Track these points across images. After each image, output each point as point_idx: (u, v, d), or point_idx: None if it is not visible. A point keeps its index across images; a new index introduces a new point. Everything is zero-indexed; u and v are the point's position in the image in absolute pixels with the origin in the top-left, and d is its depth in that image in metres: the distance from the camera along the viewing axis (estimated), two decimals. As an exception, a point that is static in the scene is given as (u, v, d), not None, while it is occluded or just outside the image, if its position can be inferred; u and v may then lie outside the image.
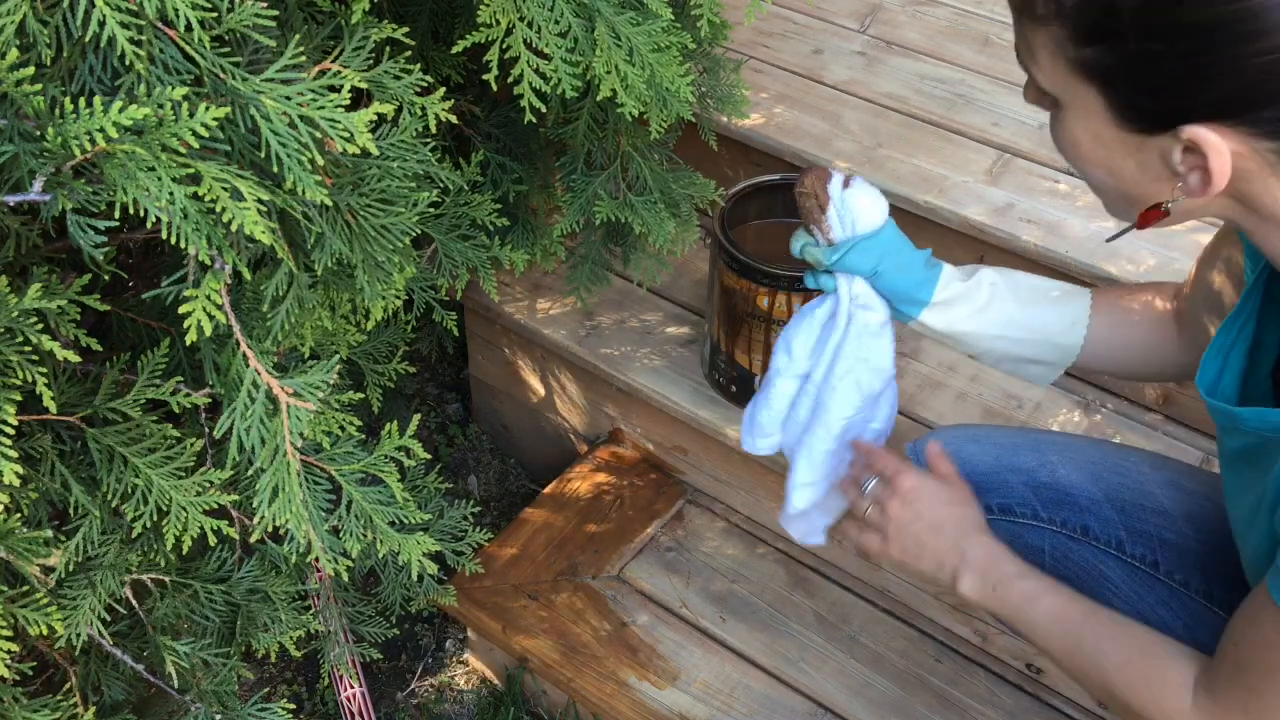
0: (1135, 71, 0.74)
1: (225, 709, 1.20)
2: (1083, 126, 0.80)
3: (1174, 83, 0.73)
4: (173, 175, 0.78)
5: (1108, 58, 0.74)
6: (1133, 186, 0.82)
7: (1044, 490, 1.21)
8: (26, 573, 1.00)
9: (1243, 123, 0.72)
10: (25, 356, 0.87)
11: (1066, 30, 0.75)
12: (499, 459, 2.04)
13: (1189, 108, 0.73)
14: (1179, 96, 0.73)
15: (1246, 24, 0.67)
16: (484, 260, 1.31)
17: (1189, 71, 0.71)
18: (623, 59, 1.09)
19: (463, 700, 1.71)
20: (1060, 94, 0.80)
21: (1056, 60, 0.78)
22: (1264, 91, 0.70)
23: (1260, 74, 0.69)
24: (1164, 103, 0.74)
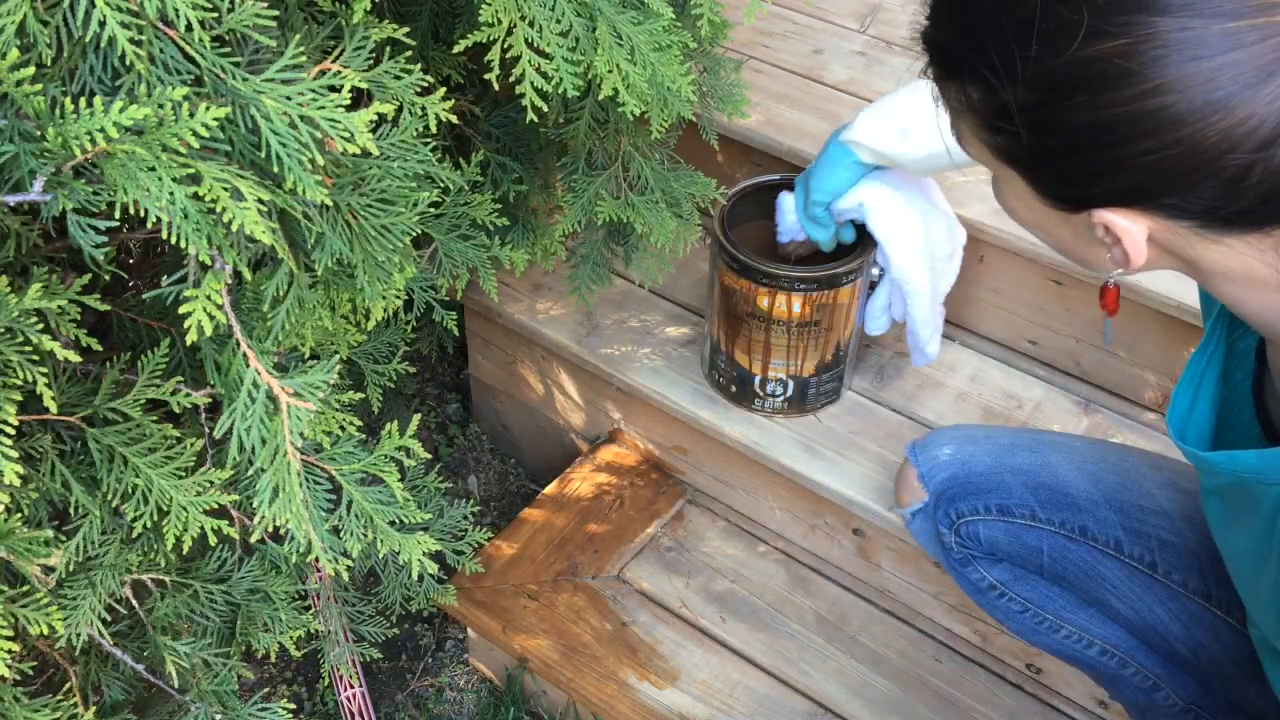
0: (1037, 162, 0.75)
1: (225, 709, 1.20)
2: (1014, 196, 0.82)
3: (1073, 175, 0.74)
4: (173, 175, 0.78)
5: (1013, 148, 0.75)
6: (1071, 250, 0.84)
7: (1042, 490, 1.21)
8: (27, 572, 1.00)
9: (1149, 208, 0.73)
10: (25, 356, 0.87)
11: (977, 119, 0.77)
12: (499, 459, 2.04)
13: (1094, 198, 0.74)
14: (1081, 188, 0.74)
15: (1125, 127, 0.68)
16: (484, 260, 1.31)
17: (1084, 167, 0.72)
18: (624, 58, 1.09)
19: (463, 700, 1.71)
20: (989, 168, 0.82)
21: (978, 143, 0.79)
22: (1158, 184, 0.70)
23: (1151, 169, 0.69)
24: (1069, 191, 0.75)
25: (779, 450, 1.58)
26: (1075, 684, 1.49)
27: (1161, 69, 0.65)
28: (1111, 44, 0.66)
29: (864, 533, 1.58)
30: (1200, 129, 0.66)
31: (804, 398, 1.60)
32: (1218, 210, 0.71)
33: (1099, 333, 1.61)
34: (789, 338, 1.51)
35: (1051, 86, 0.69)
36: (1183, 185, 0.70)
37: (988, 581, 1.28)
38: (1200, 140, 0.66)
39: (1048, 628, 1.27)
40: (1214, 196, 0.70)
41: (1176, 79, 0.65)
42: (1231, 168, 0.67)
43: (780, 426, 1.61)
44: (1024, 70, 0.70)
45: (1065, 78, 0.69)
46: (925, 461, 1.31)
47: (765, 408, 1.61)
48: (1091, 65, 0.67)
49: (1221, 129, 0.66)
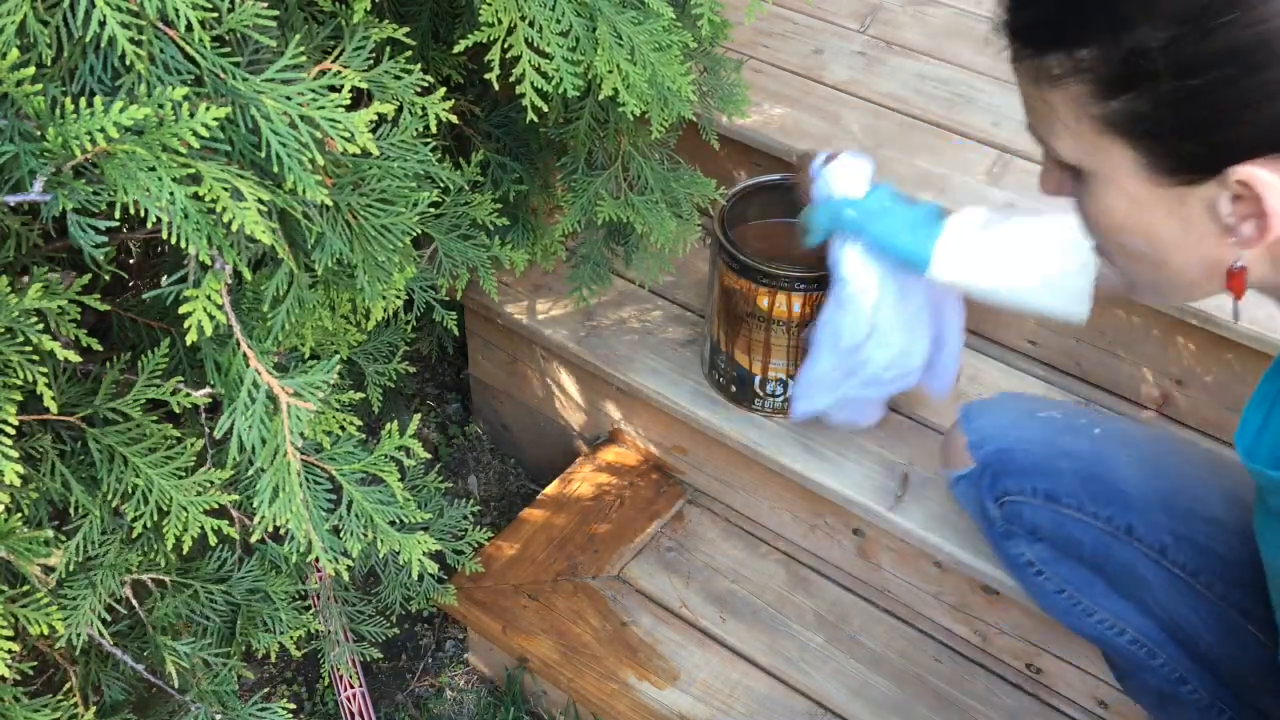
0: (1172, 114, 0.69)
1: (225, 709, 1.20)
2: (1116, 192, 0.75)
3: (1216, 118, 0.68)
4: (173, 175, 0.78)
5: (1140, 105, 0.69)
6: (1175, 252, 0.76)
7: (1094, 482, 1.17)
8: (27, 572, 1.00)
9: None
10: (26, 356, 0.87)
11: (1088, 85, 0.71)
12: (499, 459, 2.04)
13: (1234, 145, 0.68)
14: (1223, 133, 0.68)
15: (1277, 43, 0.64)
16: (484, 260, 1.31)
17: (1231, 102, 0.66)
18: (624, 58, 1.09)
19: (463, 700, 1.71)
20: (1086, 161, 0.76)
21: (1080, 122, 0.73)
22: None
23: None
24: (1207, 143, 0.69)
25: (779, 450, 1.58)
26: (1075, 684, 1.49)
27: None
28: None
29: (864, 533, 1.58)
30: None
31: (804, 398, 1.60)
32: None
33: (1099, 332, 1.61)
34: (789, 338, 1.51)
35: (1193, 13, 0.64)
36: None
37: (1026, 558, 1.26)
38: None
39: (1081, 611, 1.26)
40: None
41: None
42: None
43: (780, 426, 1.61)
44: (1159, 5, 0.65)
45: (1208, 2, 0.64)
46: (975, 430, 1.28)
47: (765, 408, 1.61)
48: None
49: None
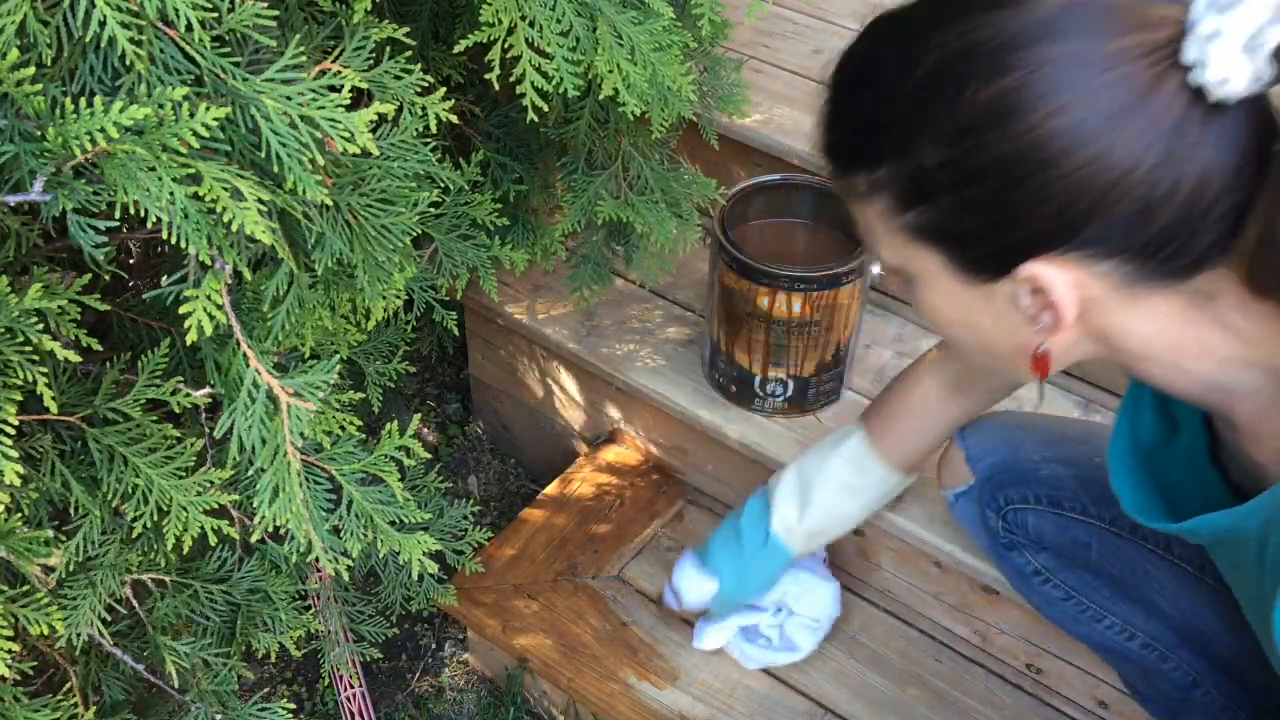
0: (958, 222, 0.75)
1: (225, 709, 1.20)
2: (934, 292, 0.81)
3: (996, 224, 0.74)
4: (173, 175, 0.78)
5: (932, 216, 0.76)
6: (994, 340, 0.83)
7: (1094, 486, 1.18)
8: (27, 572, 1.00)
9: (1071, 248, 0.73)
10: (26, 356, 0.87)
11: (889, 200, 0.77)
12: (499, 459, 2.04)
13: (1017, 245, 0.74)
14: (1005, 236, 0.74)
15: (1040, 151, 0.69)
16: (484, 260, 1.31)
17: (1005, 209, 0.72)
18: (624, 58, 1.09)
19: (463, 700, 1.71)
20: (906, 266, 0.82)
21: (892, 232, 0.79)
22: (1077, 211, 0.71)
23: (1068, 195, 0.70)
24: (993, 246, 0.75)
25: (779, 450, 1.58)
26: (1075, 684, 1.49)
27: (1055, 93, 0.68)
28: (1009, 78, 0.69)
29: (864, 533, 1.58)
30: (1101, 146, 0.68)
31: (804, 398, 1.60)
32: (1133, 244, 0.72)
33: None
34: (789, 338, 1.51)
35: (960, 134, 0.71)
36: (1097, 209, 0.70)
37: (1033, 567, 1.27)
38: (1102, 157, 0.68)
39: (1090, 616, 1.26)
40: (1129, 224, 0.70)
41: (1070, 100, 0.68)
42: (1137, 188, 0.69)
43: (780, 426, 1.61)
44: (931, 128, 0.72)
45: (972, 122, 0.70)
46: (974, 445, 1.29)
47: (765, 408, 1.61)
48: (995, 103, 0.69)
49: (1118, 144, 0.68)
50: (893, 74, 0.74)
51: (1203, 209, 0.70)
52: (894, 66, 0.74)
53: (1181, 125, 0.68)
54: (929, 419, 1.28)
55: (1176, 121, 0.68)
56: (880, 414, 1.30)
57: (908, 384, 1.28)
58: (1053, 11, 0.69)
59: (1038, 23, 0.69)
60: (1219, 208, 0.70)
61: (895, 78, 0.74)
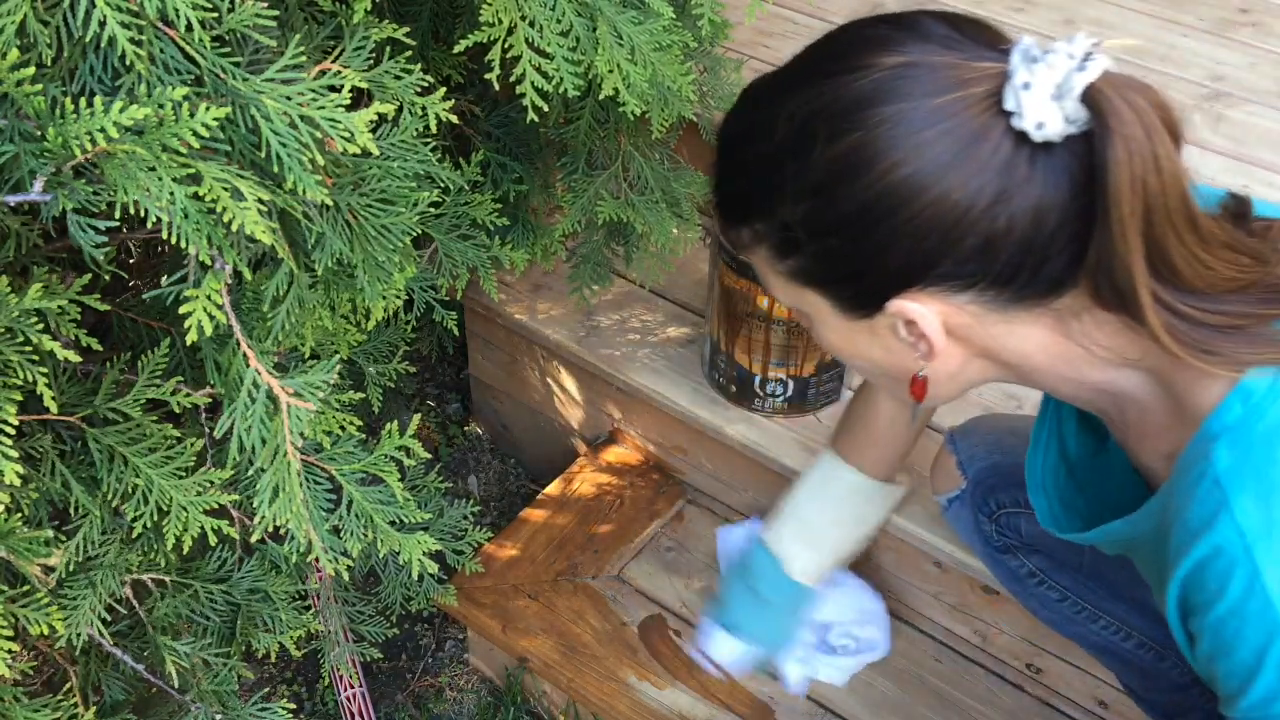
0: (827, 268, 0.83)
1: (225, 709, 1.20)
2: (827, 329, 0.89)
3: (859, 267, 0.81)
4: (173, 175, 0.78)
5: (804, 262, 0.83)
6: (888, 368, 0.89)
7: None
8: (27, 572, 1.00)
9: (929, 282, 0.79)
10: (26, 356, 0.87)
11: (768, 250, 0.85)
12: (499, 459, 2.04)
13: (882, 284, 0.81)
14: (868, 278, 0.81)
15: (886, 200, 0.76)
16: (484, 260, 1.31)
17: (864, 253, 0.80)
18: (625, 58, 1.09)
19: (463, 700, 1.71)
20: (798, 305, 0.88)
21: (777, 276, 0.87)
22: (927, 250, 0.77)
23: (917, 236, 0.77)
24: (861, 286, 0.82)
25: (779, 450, 1.58)
26: (1075, 684, 1.49)
27: (893, 147, 0.75)
28: (851, 138, 0.77)
29: (864, 533, 1.58)
30: (940, 190, 0.75)
31: (804, 398, 1.60)
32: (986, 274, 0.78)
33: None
34: (789, 338, 1.51)
35: (815, 190, 0.79)
36: (946, 246, 0.77)
37: (1027, 569, 1.28)
38: (943, 199, 0.75)
39: (1086, 617, 1.26)
40: (977, 256, 0.77)
41: (907, 152, 0.75)
42: (978, 224, 0.76)
43: (780, 426, 1.61)
44: (790, 185, 0.80)
45: (823, 179, 0.78)
46: (965, 449, 1.31)
47: (765, 408, 1.61)
48: (841, 160, 0.77)
49: (955, 187, 0.75)
50: (755, 138, 0.82)
51: (1044, 238, 0.76)
52: (756, 132, 0.83)
53: (1010, 166, 0.75)
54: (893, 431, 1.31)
55: (1005, 163, 0.75)
56: (850, 434, 1.34)
57: (865, 403, 1.31)
58: (885, 75, 0.77)
59: (872, 87, 0.77)
60: (1061, 236, 0.76)
61: (758, 142, 0.82)
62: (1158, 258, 0.76)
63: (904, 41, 0.78)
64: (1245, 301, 0.79)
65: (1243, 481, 0.77)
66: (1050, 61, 0.74)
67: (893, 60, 0.77)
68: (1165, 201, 0.74)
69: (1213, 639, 0.79)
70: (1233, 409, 0.78)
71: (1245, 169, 1.98)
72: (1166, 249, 0.76)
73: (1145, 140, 0.73)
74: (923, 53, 0.77)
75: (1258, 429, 0.77)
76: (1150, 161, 0.73)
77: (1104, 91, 0.73)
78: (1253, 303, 0.79)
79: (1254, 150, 2.02)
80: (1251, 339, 0.78)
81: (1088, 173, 0.75)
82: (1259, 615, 0.76)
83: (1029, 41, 0.76)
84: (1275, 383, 0.78)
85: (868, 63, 0.78)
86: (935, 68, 0.77)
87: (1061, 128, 0.74)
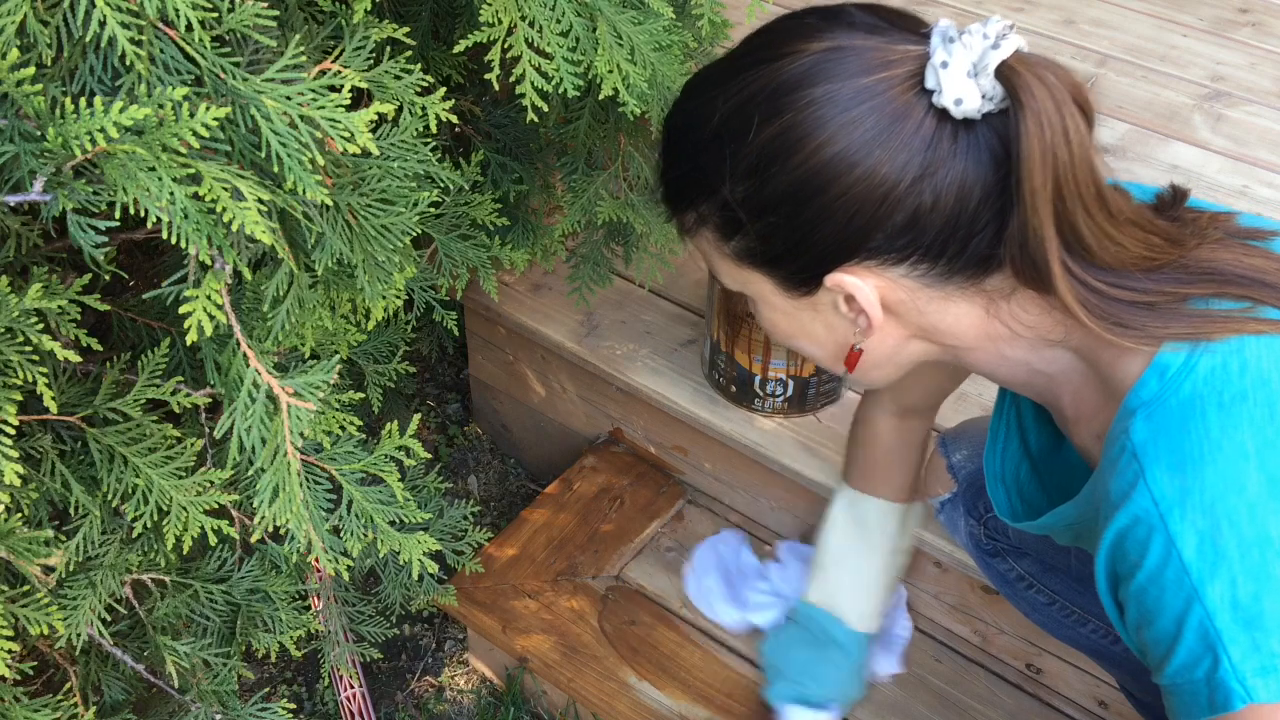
0: (768, 245, 0.86)
1: (225, 709, 1.20)
2: (771, 308, 0.92)
3: (796, 243, 0.84)
4: (173, 175, 0.78)
5: (748, 242, 0.86)
6: (829, 345, 0.93)
7: None
8: (27, 572, 1.00)
9: (867, 256, 0.83)
10: (26, 356, 0.87)
11: (713, 232, 0.88)
12: (499, 459, 2.04)
13: (819, 260, 0.84)
14: (806, 253, 0.84)
15: (817, 178, 0.80)
16: (484, 260, 1.31)
17: (800, 229, 0.83)
18: (624, 58, 1.09)
19: (463, 700, 1.71)
20: (744, 287, 0.91)
21: (722, 258, 0.90)
22: (859, 225, 0.81)
23: (848, 212, 0.80)
24: (800, 263, 0.85)
25: (779, 450, 1.58)
26: (1075, 684, 1.49)
27: (821, 126, 0.79)
28: (782, 119, 0.80)
29: (864, 533, 1.58)
30: (867, 166, 0.79)
31: (804, 398, 1.60)
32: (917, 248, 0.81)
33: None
34: (789, 338, 1.51)
35: (751, 171, 0.82)
36: (876, 220, 0.80)
37: (1016, 573, 1.28)
38: (871, 175, 0.79)
39: (1075, 620, 1.27)
40: (906, 231, 0.80)
41: (834, 131, 0.79)
42: (905, 198, 0.79)
43: (780, 426, 1.61)
44: (729, 167, 0.83)
45: (759, 159, 0.82)
46: (955, 452, 1.32)
47: (765, 408, 1.61)
48: (773, 141, 0.81)
49: (881, 163, 0.78)
50: (696, 126, 0.86)
51: (970, 214, 0.80)
52: (697, 119, 0.86)
53: (934, 142, 0.78)
54: (904, 451, 1.34)
55: (929, 139, 0.78)
56: (861, 469, 1.37)
57: (866, 430, 1.34)
58: (813, 60, 0.80)
59: (801, 71, 0.80)
60: (985, 210, 0.80)
61: (698, 129, 0.86)
62: (1068, 231, 0.79)
63: (830, 29, 0.82)
64: (1158, 280, 0.83)
65: (1157, 453, 0.79)
66: (966, 41, 0.78)
67: (820, 46, 0.81)
68: (1074, 174, 0.78)
69: (1137, 607, 0.82)
70: (1149, 384, 0.82)
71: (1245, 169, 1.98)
72: (1075, 223, 0.79)
73: (1056, 114, 0.76)
74: (848, 38, 0.81)
75: (1172, 402, 0.80)
76: (1060, 135, 0.77)
77: (1017, 69, 0.77)
78: (1166, 282, 0.83)
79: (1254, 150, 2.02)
80: (1163, 314, 0.82)
81: (1006, 148, 0.78)
82: (1176, 582, 0.78)
83: (946, 23, 0.80)
84: (1190, 357, 0.81)
85: (796, 49, 0.81)
86: (860, 51, 0.80)
87: (979, 104, 0.78)
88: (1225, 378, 0.79)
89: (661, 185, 0.93)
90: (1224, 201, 1.90)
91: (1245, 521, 0.76)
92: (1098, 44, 2.29)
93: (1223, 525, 0.76)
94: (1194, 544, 0.77)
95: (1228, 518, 0.76)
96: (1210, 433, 0.78)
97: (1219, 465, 0.77)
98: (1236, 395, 0.79)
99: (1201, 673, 0.78)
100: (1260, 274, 0.84)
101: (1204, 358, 0.80)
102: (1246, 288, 0.83)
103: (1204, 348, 0.80)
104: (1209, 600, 0.76)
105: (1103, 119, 2.05)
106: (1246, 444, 0.77)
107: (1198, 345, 0.81)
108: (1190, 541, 0.77)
